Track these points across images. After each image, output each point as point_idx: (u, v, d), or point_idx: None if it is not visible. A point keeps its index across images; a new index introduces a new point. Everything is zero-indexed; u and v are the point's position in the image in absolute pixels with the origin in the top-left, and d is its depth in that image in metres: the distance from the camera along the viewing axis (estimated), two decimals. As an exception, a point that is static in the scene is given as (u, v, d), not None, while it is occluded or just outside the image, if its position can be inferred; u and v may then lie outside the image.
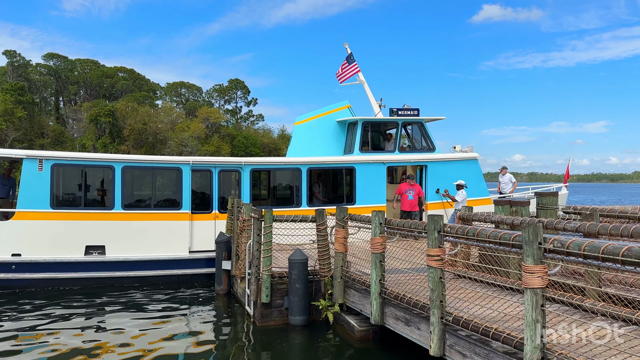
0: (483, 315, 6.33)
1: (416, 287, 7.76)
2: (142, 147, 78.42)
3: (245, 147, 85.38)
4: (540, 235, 5.06)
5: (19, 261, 12.81)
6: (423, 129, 17.35)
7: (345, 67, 18.91)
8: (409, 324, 7.46)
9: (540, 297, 5.05)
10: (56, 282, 13.08)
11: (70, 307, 11.48)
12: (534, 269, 5.04)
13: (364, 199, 15.74)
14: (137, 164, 14.45)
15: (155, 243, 13.82)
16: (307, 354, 8.76)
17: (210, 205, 14.72)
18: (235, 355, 8.65)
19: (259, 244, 10.08)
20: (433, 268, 6.58)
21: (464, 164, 16.81)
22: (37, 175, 13.18)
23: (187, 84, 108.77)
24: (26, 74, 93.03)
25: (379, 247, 8.20)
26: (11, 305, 11.52)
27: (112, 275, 13.47)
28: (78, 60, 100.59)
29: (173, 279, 13.94)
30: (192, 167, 14.52)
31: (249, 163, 15.37)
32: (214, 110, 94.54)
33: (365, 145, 16.95)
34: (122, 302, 12.05)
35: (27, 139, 76.39)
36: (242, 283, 11.60)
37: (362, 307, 9.14)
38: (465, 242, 6.68)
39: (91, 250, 13.40)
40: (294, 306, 9.85)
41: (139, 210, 14.01)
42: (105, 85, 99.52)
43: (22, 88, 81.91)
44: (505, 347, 5.58)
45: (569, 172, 22.70)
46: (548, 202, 9.61)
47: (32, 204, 13.04)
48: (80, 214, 13.44)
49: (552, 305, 6.27)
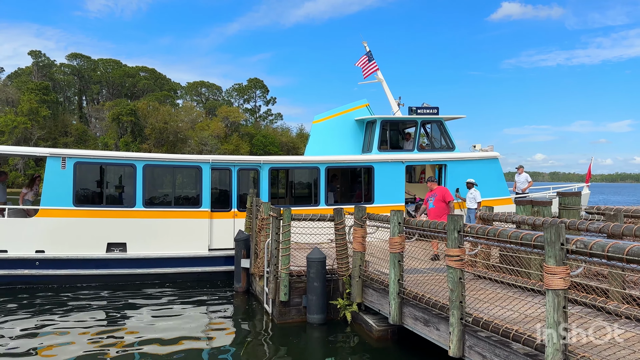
0: (503, 316, 6.25)
1: (435, 287, 7.70)
2: (163, 146, 79.44)
3: (263, 145, 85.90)
4: (563, 236, 4.98)
5: (43, 258, 13.07)
6: (442, 128, 17.20)
7: (365, 63, 18.86)
8: (428, 324, 7.41)
9: (562, 298, 4.97)
10: (78, 279, 13.32)
11: (92, 303, 11.68)
12: (556, 270, 4.96)
13: (382, 198, 15.68)
14: (158, 163, 14.63)
15: (176, 241, 13.97)
16: (326, 353, 8.76)
17: (229, 203, 14.82)
18: (254, 353, 8.71)
19: (277, 243, 10.12)
20: (453, 268, 6.52)
21: (484, 163, 16.63)
22: (60, 173, 13.43)
23: (207, 84, 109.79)
24: (50, 74, 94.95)
25: (398, 247, 8.15)
26: (34, 301, 11.77)
27: (133, 273, 13.65)
28: (100, 60, 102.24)
29: (192, 277, 14.07)
30: (212, 166, 14.64)
31: (268, 162, 15.43)
32: (234, 110, 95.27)
33: (384, 144, 16.88)
34: (143, 298, 12.22)
35: (51, 138, 78.03)
36: (260, 281, 11.66)
37: (380, 306, 9.11)
38: (485, 242, 6.60)
39: (113, 248, 13.61)
40: (312, 305, 9.87)
41: (160, 208, 14.18)
42: (127, 85, 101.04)
43: (47, 88, 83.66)
44: (526, 349, 5.50)
45: (591, 171, 22.29)
46: (570, 202, 9.45)
47: (55, 202, 13.29)
48: (102, 211, 13.66)
49: (575, 307, 6.16)
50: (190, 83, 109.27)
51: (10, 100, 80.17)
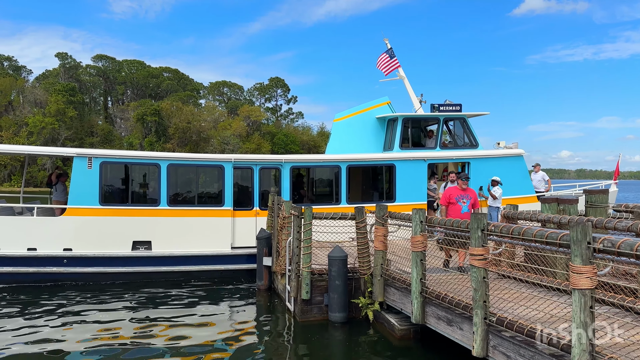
0: (528, 316, 6.17)
1: (458, 286, 7.63)
2: (186, 145, 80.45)
3: (284, 144, 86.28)
4: (589, 235, 4.88)
5: (70, 255, 13.36)
6: (465, 125, 17.00)
7: (386, 60, 18.75)
8: (451, 324, 7.35)
9: (589, 298, 4.88)
10: (105, 277, 13.59)
11: (117, 300, 11.90)
12: (583, 270, 4.87)
13: (404, 196, 15.59)
14: (182, 162, 14.81)
15: (199, 239, 14.14)
16: (348, 351, 8.76)
17: (251, 202, 14.93)
18: (277, 350, 8.76)
19: (298, 241, 10.15)
20: (476, 268, 6.45)
21: (508, 161, 16.38)
22: (86, 172, 13.71)
23: (229, 83, 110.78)
24: (77, 75, 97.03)
25: (420, 246, 8.10)
26: (62, 296, 12.05)
27: (158, 270, 13.87)
28: (125, 61, 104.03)
29: (216, 274, 14.23)
30: (234, 165, 14.76)
31: (289, 161, 15.48)
32: (255, 109, 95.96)
33: (406, 142, 16.76)
34: (167, 295, 12.40)
35: (77, 138, 79.75)
36: (282, 279, 11.72)
37: (402, 305, 9.06)
38: (510, 241, 6.51)
39: (138, 246, 13.84)
40: (333, 303, 9.87)
41: (184, 206, 14.37)
42: (151, 85, 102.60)
43: (73, 89, 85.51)
44: (551, 350, 5.41)
45: (619, 168, 21.76)
46: (597, 199, 9.26)
47: (82, 201, 13.57)
48: (128, 210, 13.89)
49: (602, 307, 6.04)
50: (212, 83, 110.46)
51: (38, 102, 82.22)
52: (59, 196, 14.90)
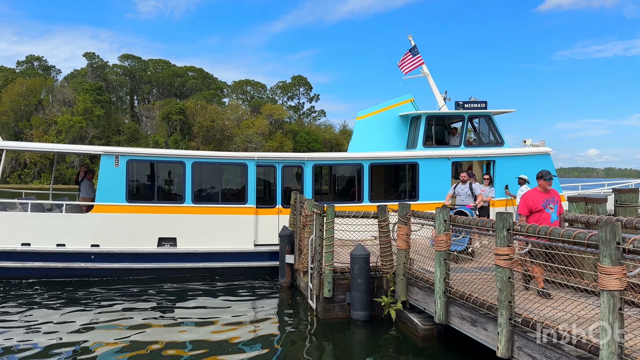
0: (554, 317, 6.06)
1: (483, 286, 7.53)
2: (210, 143, 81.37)
3: (307, 142, 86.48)
4: (619, 235, 4.77)
5: (98, 251, 13.66)
6: (491, 123, 16.75)
7: (409, 58, 18.60)
8: (475, 324, 7.26)
9: (617, 299, 4.77)
10: (131, 272, 13.84)
11: (143, 295, 12.11)
12: (611, 271, 4.77)
13: (427, 195, 15.45)
14: (206, 160, 14.98)
15: (223, 236, 14.29)
16: (371, 350, 8.74)
17: (274, 200, 15.01)
18: (299, 348, 8.79)
19: (321, 239, 10.16)
20: (501, 268, 6.36)
21: (534, 159, 16.07)
22: (113, 170, 13.98)
23: (252, 82, 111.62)
24: (104, 75, 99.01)
25: (444, 245, 8.02)
26: (88, 291, 12.33)
27: (182, 266, 14.08)
28: (151, 60, 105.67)
29: (239, 271, 14.36)
30: (257, 163, 14.86)
31: (312, 159, 15.51)
32: (277, 107, 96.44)
33: (429, 140, 16.61)
34: (191, 291, 12.56)
35: (104, 136, 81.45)
36: (304, 277, 11.76)
37: (425, 305, 9.00)
38: (536, 241, 6.40)
39: (163, 242, 14.06)
40: (355, 301, 9.86)
41: (208, 204, 14.53)
42: (176, 84, 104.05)
43: (100, 88, 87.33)
44: (579, 352, 5.31)
45: (652, 167, 21.16)
46: (627, 199, 9.04)
47: (109, 198, 13.85)
48: (154, 207, 14.13)
49: (631, 309, 5.90)
50: (236, 82, 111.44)
51: (67, 101, 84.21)
52: (85, 193, 15.24)
